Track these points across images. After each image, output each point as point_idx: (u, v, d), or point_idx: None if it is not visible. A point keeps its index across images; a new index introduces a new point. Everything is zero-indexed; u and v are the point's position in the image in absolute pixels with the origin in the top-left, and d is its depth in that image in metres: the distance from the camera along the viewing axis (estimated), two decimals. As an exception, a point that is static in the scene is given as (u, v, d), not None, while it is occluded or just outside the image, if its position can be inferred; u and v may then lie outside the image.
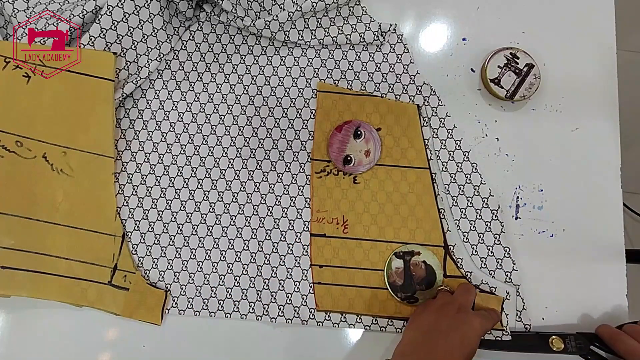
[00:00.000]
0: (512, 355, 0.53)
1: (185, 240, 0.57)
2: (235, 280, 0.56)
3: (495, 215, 0.56)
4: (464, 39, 0.61)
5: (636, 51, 1.32)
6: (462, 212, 0.56)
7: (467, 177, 0.57)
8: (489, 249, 0.56)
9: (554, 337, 0.52)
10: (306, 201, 0.57)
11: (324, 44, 0.60)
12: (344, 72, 0.60)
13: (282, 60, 0.60)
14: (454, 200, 0.57)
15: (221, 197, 0.57)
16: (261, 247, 0.56)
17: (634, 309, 0.55)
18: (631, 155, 0.69)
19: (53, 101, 0.55)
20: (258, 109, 0.59)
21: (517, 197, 0.57)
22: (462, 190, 0.57)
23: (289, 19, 0.57)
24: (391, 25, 0.60)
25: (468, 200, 0.57)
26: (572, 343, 0.52)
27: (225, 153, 0.58)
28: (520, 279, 0.55)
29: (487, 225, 0.56)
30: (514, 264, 0.55)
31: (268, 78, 0.60)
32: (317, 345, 0.54)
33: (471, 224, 0.56)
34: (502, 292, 0.54)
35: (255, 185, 0.58)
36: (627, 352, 0.48)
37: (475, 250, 0.56)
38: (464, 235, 0.56)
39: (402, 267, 0.55)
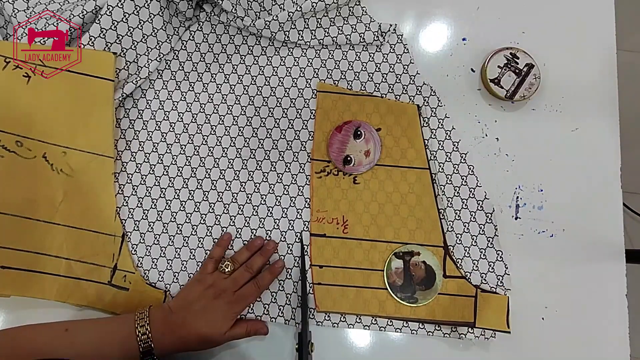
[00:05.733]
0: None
1: (184, 240, 0.57)
2: (235, 280, 0.56)
3: (490, 219, 0.56)
4: (464, 39, 0.61)
5: (636, 51, 1.32)
6: (456, 213, 0.56)
7: (463, 179, 0.57)
8: (481, 252, 0.56)
9: None
10: (306, 201, 0.57)
11: (324, 44, 0.60)
12: (344, 72, 0.60)
13: (282, 60, 0.60)
14: (449, 201, 0.57)
15: (221, 198, 0.57)
16: (261, 247, 0.56)
17: (634, 309, 0.55)
18: (631, 155, 0.69)
19: (53, 101, 0.55)
20: (258, 109, 0.59)
21: (517, 197, 0.57)
22: (458, 192, 0.57)
23: (289, 19, 0.57)
24: (391, 25, 0.60)
25: (463, 202, 0.57)
26: None
27: (225, 153, 0.58)
28: (512, 283, 0.55)
29: (480, 228, 0.56)
30: (506, 267, 0.55)
31: (268, 78, 0.60)
32: (316, 346, 0.54)
33: (465, 226, 0.56)
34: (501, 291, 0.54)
35: (255, 186, 0.57)
36: None
37: (468, 253, 0.56)
38: (458, 237, 0.56)
39: (402, 268, 0.55)
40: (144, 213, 0.57)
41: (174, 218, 0.57)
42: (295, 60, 0.60)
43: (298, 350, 0.52)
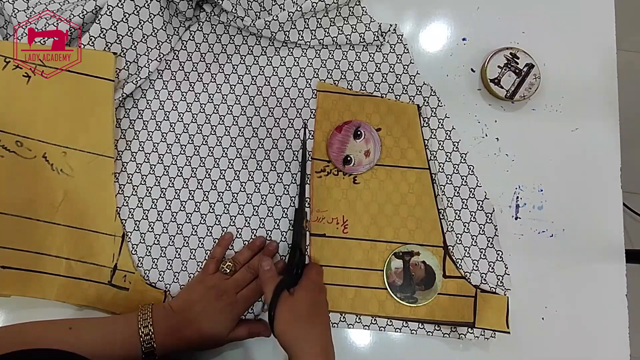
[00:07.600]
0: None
1: (184, 240, 0.57)
2: (235, 280, 0.56)
3: (490, 219, 0.56)
4: (464, 39, 0.61)
5: (636, 51, 1.32)
6: (456, 213, 0.56)
7: (463, 179, 0.57)
8: (481, 252, 0.56)
9: None
10: (306, 201, 0.57)
11: (324, 44, 0.60)
12: (344, 72, 0.60)
13: (282, 60, 0.60)
14: (449, 201, 0.57)
15: (221, 198, 0.57)
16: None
17: (634, 309, 0.55)
18: (631, 155, 0.69)
19: (53, 101, 0.55)
20: (258, 109, 0.59)
21: (517, 197, 0.57)
22: (458, 192, 0.57)
23: (289, 19, 0.57)
24: (391, 25, 0.60)
25: (463, 202, 0.57)
26: None
27: (225, 153, 0.58)
28: (512, 283, 0.55)
29: (480, 228, 0.56)
30: (506, 267, 0.55)
31: (268, 78, 0.60)
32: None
33: (465, 226, 0.56)
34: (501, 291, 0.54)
35: (256, 186, 0.58)
36: None
37: (468, 253, 0.56)
38: (457, 237, 0.56)
39: (402, 268, 0.55)
40: (144, 213, 0.57)
41: (175, 218, 0.57)
42: (295, 60, 0.60)
43: (293, 227, 0.51)
